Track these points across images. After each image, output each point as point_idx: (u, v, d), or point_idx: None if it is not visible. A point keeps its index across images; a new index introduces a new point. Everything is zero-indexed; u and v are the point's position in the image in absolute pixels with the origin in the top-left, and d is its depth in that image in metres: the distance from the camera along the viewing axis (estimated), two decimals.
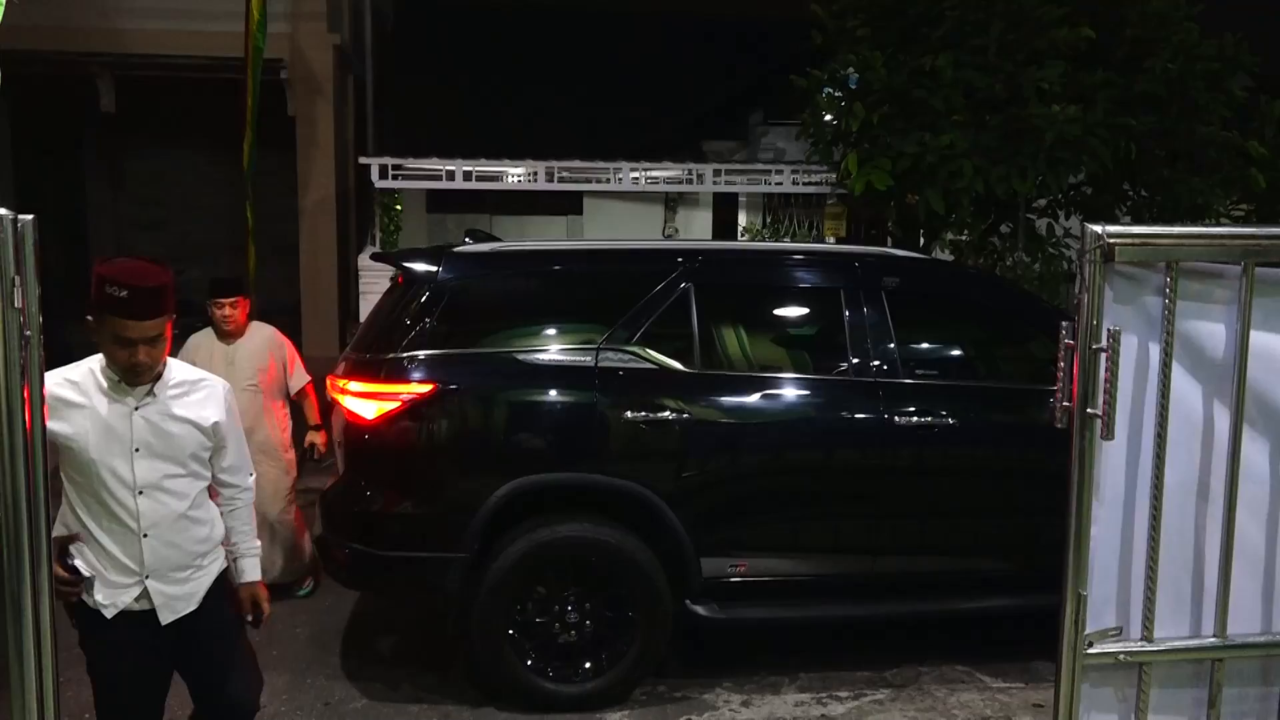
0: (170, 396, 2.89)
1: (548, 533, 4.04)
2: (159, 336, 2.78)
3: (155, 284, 2.74)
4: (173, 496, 2.86)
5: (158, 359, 2.82)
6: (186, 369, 2.99)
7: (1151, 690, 2.40)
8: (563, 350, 4.23)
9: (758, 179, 11.01)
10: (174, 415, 2.87)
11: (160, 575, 2.87)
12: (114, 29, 10.34)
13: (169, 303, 2.80)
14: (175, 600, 2.90)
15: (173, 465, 2.87)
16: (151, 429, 2.84)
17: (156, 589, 2.87)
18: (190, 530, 2.90)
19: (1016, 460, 4.36)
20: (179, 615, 2.90)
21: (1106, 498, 2.35)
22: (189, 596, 2.92)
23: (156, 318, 2.75)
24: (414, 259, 4.38)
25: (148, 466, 2.83)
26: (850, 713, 4.16)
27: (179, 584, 2.90)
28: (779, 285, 4.56)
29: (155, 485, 2.84)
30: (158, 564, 2.86)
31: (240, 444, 3.07)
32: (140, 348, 2.76)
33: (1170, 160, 8.80)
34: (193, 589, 2.92)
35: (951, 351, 4.88)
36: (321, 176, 11.11)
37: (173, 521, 2.86)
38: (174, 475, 2.86)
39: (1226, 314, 2.35)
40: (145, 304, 2.73)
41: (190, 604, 2.91)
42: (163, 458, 2.86)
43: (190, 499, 2.90)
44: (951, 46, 8.20)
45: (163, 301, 2.78)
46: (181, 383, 2.93)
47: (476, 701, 4.18)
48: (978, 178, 8.04)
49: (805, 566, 4.26)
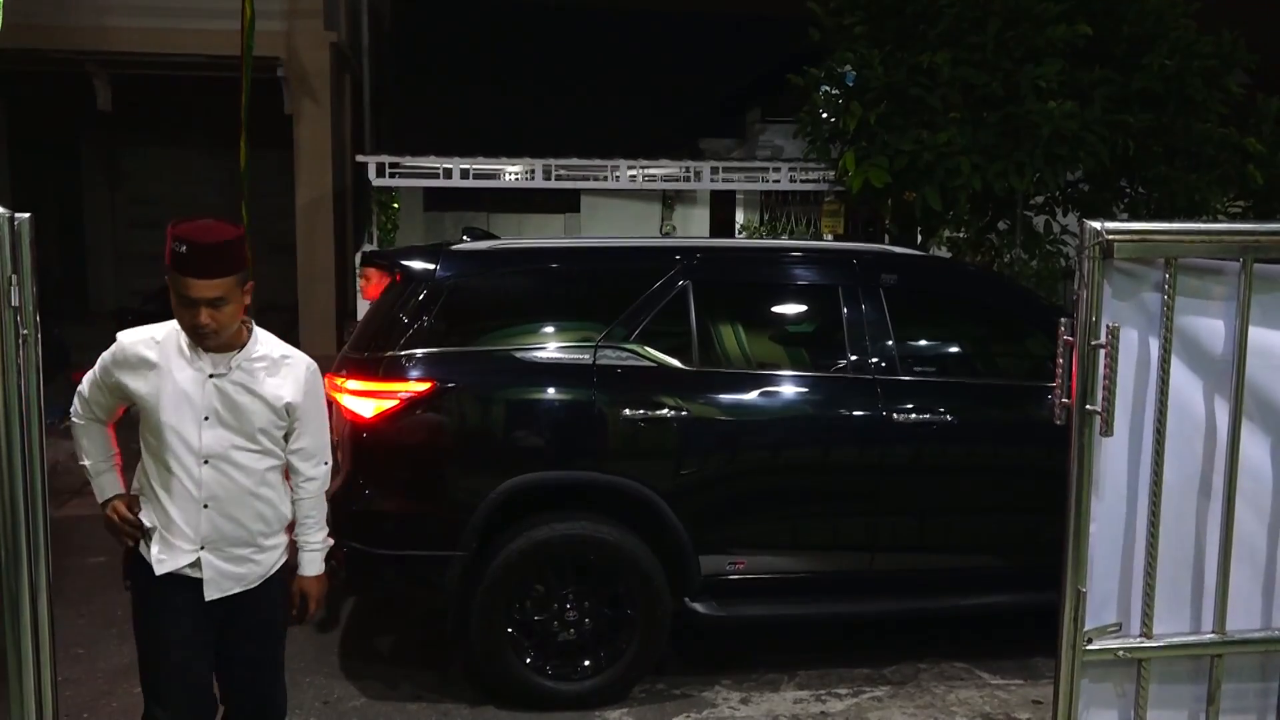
0: (249, 369, 2.78)
1: (546, 531, 4.04)
2: (222, 299, 2.63)
3: (216, 240, 2.62)
4: (238, 470, 2.77)
5: (224, 323, 2.67)
6: (276, 344, 2.86)
7: (1151, 686, 2.41)
8: (561, 348, 4.23)
9: (755, 177, 11.04)
10: (248, 388, 2.76)
11: (216, 548, 2.78)
12: (110, 27, 10.34)
13: (234, 263, 2.65)
14: (224, 578, 2.80)
15: (241, 438, 2.77)
16: (223, 399, 2.74)
17: (209, 561, 2.78)
18: (253, 506, 2.81)
19: (1015, 457, 4.35)
20: (224, 594, 2.80)
21: (1106, 494, 2.35)
22: (240, 578, 2.82)
23: (218, 277, 2.61)
24: (412, 257, 4.38)
25: (215, 436, 2.74)
26: (849, 710, 4.17)
27: (234, 562, 2.81)
28: (777, 283, 4.56)
29: (221, 456, 2.75)
30: (215, 536, 2.78)
31: (319, 429, 2.94)
32: (202, 309, 2.62)
33: (1168, 157, 8.83)
34: (246, 571, 2.82)
35: (950, 349, 4.88)
36: (318, 175, 11.12)
37: (236, 495, 2.78)
38: (242, 448, 2.77)
39: (1225, 310, 2.35)
40: (205, 261, 2.60)
41: (239, 585, 2.81)
42: (232, 429, 2.76)
43: (257, 475, 2.80)
44: (949, 44, 8.21)
45: (226, 260, 2.63)
46: (264, 357, 2.81)
47: (475, 700, 4.17)
48: (975, 175, 8.06)
49: (804, 564, 4.26)
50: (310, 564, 2.96)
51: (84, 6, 10.31)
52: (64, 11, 10.13)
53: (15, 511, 2.14)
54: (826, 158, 9.23)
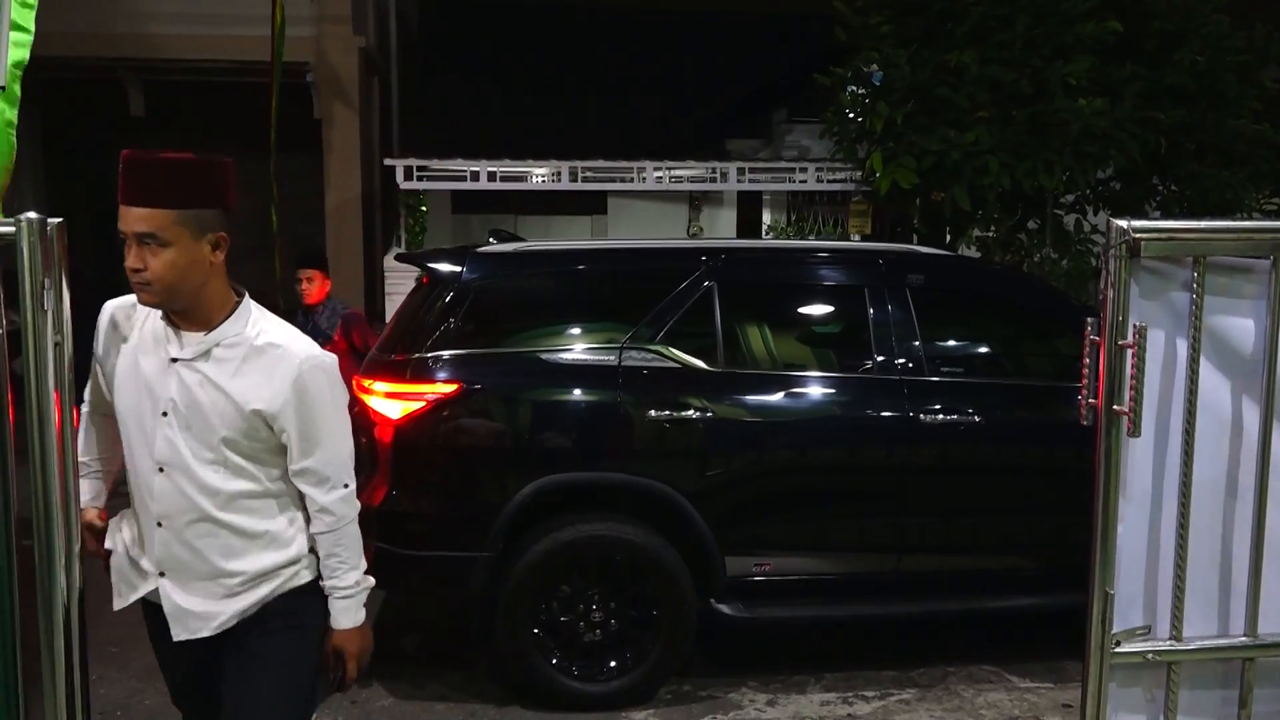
0: (219, 356, 2.20)
1: (572, 531, 4.05)
2: (154, 237, 2.08)
3: (150, 156, 2.10)
4: (196, 487, 2.19)
5: (161, 276, 2.10)
6: (266, 327, 2.25)
7: (1181, 690, 2.38)
8: (586, 350, 4.24)
9: (782, 177, 11.01)
10: (212, 381, 2.18)
11: (177, 578, 2.26)
12: (143, 34, 10.47)
13: (175, 192, 2.09)
14: (190, 617, 2.26)
15: (202, 447, 2.19)
16: (183, 391, 2.18)
17: (168, 592, 2.27)
18: (219, 538, 2.23)
19: (1043, 458, 4.32)
20: (193, 636, 2.27)
21: (1134, 495, 2.33)
22: (210, 619, 2.26)
23: (147, 205, 2.08)
24: (438, 259, 4.41)
25: (171, 438, 2.19)
26: (876, 712, 4.15)
27: (200, 598, 2.25)
28: (802, 283, 4.54)
29: (178, 465, 2.20)
30: (172, 564, 2.26)
31: (331, 443, 2.28)
32: (131, 249, 2.10)
33: (1200, 154, 8.71)
34: (218, 611, 2.25)
35: (977, 349, 4.85)
36: (347, 178, 11.20)
37: (193, 519, 2.21)
38: (204, 460, 2.20)
39: (1255, 309, 2.32)
40: (136, 183, 2.08)
41: (210, 627, 2.26)
42: (192, 433, 2.19)
43: (223, 497, 2.21)
44: (976, 42, 8.14)
45: (162, 187, 2.08)
46: (240, 341, 2.20)
47: (502, 700, 4.19)
48: (1004, 173, 7.99)
49: (830, 565, 4.25)
50: (344, 614, 2.34)
51: (118, 14, 10.46)
52: (98, 19, 10.27)
53: (49, 512, 2.17)
54: (853, 158, 9.19)
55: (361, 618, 2.38)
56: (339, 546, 2.33)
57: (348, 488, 2.34)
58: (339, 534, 2.32)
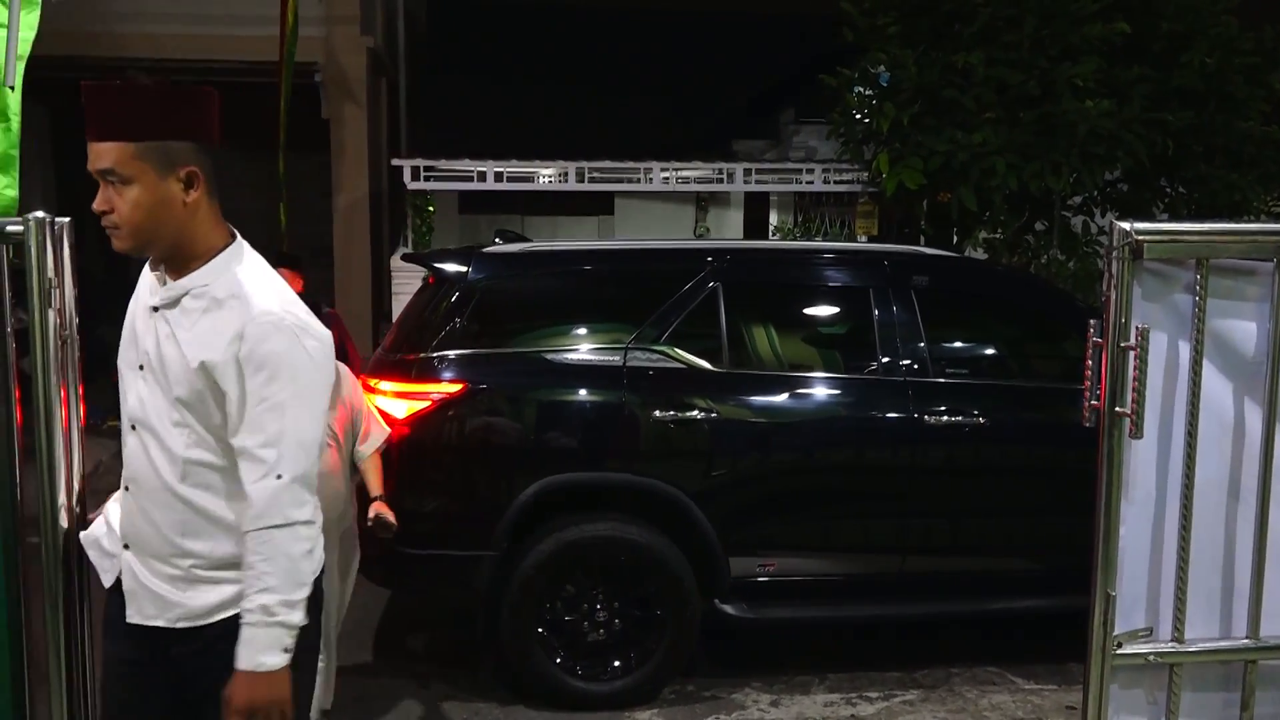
0: (187, 305, 1.97)
1: (576, 531, 4.06)
2: (114, 173, 1.88)
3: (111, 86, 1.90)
4: (160, 449, 1.98)
5: (128, 217, 1.90)
6: (248, 274, 1.99)
7: (1183, 692, 2.38)
8: (591, 350, 4.25)
9: (789, 178, 11.00)
10: (174, 333, 1.97)
11: (139, 551, 2.03)
12: (150, 34, 10.51)
13: (142, 123, 1.88)
14: (145, 598, 2.01)
15: (169, 405, 1.96)
16: (155, 344, 1.98)
17: (130, 566, 2.04)
18: (175, 512, 1.98)
19: (1048, 459, 4.32)
20: (147, 621, 2.01)
21: (1136, 497, 2.34)
22: (166, 606, 2.00)
23: (109, 139, 1.88)
24: (444, 259, 4.42)
25: (143, 393, 2.00)
26: (880, 713, 4.15)
27: (158, 578, 2.01)
28: (808, 284, 4.55)
29: (145, 424, 1.99)
30: (134, 535, 2.04)
31: (266, 420, 1.91)
32: (101, 188, 1.91)
33: (1208, 156, 8.70)
34: (176, 600, 1.98)
35: (982, 350, 4.84)
36: (355, 178, 11.23)
37: (154, 486, 1.98)
38: (168, 420, 1.97)
39: (1258, 311, 2.33)
40: (97, 116, 1.89)
41: (165, 617, 1.99)
42: (160, 390, 1.98)
43: (180, 465, 1.96)
44: (984, 43, 8.14)
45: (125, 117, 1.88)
46: (205, 290, 1.96)
47: (506, 699, 4.20)
48: (1011, 175, 7.98)
49: (834, 566, 4.25)
50: (245, 646, 1.88)
51: (125, 14, 10.49)
52: (106, 19, 10.31)
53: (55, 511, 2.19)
54: (860, 159, 9.19)
55: (270, 663, 1.87)
56: (257, 555, 1.90)
57: (281, 479, 1.90)
58: (260, 537, 1.90)
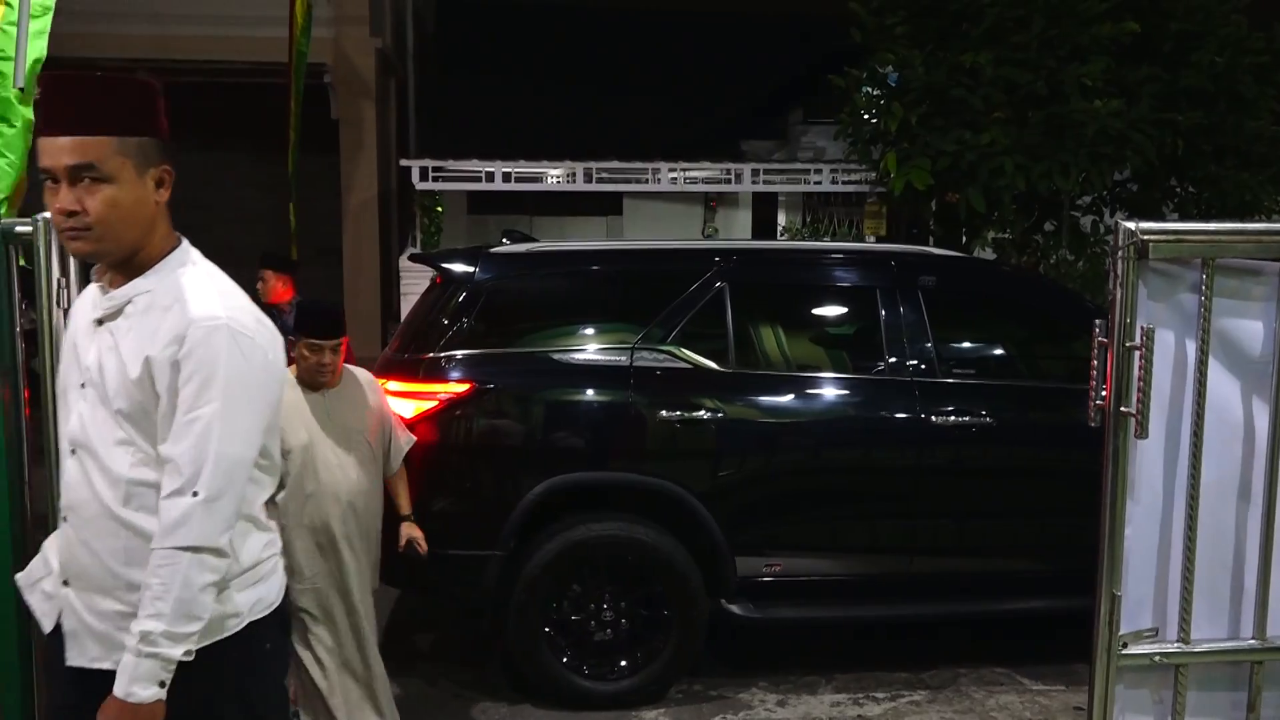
0: (130, 312, 1.83)
1: (583, 531, 4.06)
2: (93, 168, 1.75)
3: (85, 75, 1.80)
4: (101, 472, 1.81)
5: (104, 219, 1.76)
6: (194, 279, 1.85)
7: (1189, 692, 2.38)
8: (598, 350, 4.26)
9: (797, 178, 11.00)
10: (116, 342, 1.82)
11: (79, 585, 1.85)
12: (160, 35, 10.56)
13: (116, 117, 1.77)
14: (88, 637, 1.84)
15: (113, 423, 1.81)
16: (98, 358, 1.84)
17: (71, 604, 1.86)
18: (118, 539, 1.80)
19: (1055, 460, 4.30)
20: (92, 664, 1.83)
21: (1143, 497, 2.33)
22: (111, 645, 1.81)
23: (76, 133, 1.74)
24: (452, 260, 4.43)
25: (85, 414, 1.84)
26: (887, 714, 4.14)
27: (101, 617, 1.83)
28: (814, 284, 4.54)
29: (86, 446, 1.83)
30: (74, 569, 1.86)
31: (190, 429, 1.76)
32: (61, 189, 1.76)
33: (1218, 156, 8.67)
34: (123, 640, 1.76)
35: (989, 351, 4.83)
36: (364, 178, 11.27)
37: (94, 512, 1.82)
38: (110, 440, 1.81)
39: (1264, 311, 2.33)
40: (66, 107, 1.77)
41: (110, 659, 1.79)
42: (104, 407, 1.82)
43: (125, 487, 1.80)
44: (992, 43, 8.13)
45: (99, 108, 1.76)
46: (149, 295, 1.83)
47: (513, 698, 4.21)
48: (1019, 175, 7.96)
49: (841, 566, 4.25)
50: (121, 673, 1.72)
51: (136, 15, 10.55)
52: (116, 20, 10.36)
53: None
54: (868, 159, 9.18)
55: (140, 695, 1.70)
56: (155, 576, 1.73)
57: (197, 498, 1.74)
58: (163, 556, 1.73)
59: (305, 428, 3.45)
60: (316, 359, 3.45)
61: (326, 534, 3.40)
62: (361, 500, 3.51)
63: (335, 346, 3.48)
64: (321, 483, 3.41)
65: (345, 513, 3.44)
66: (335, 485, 3.43)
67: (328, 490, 3.41)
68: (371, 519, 3.59)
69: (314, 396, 3.50)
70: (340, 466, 3.46)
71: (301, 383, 3.51)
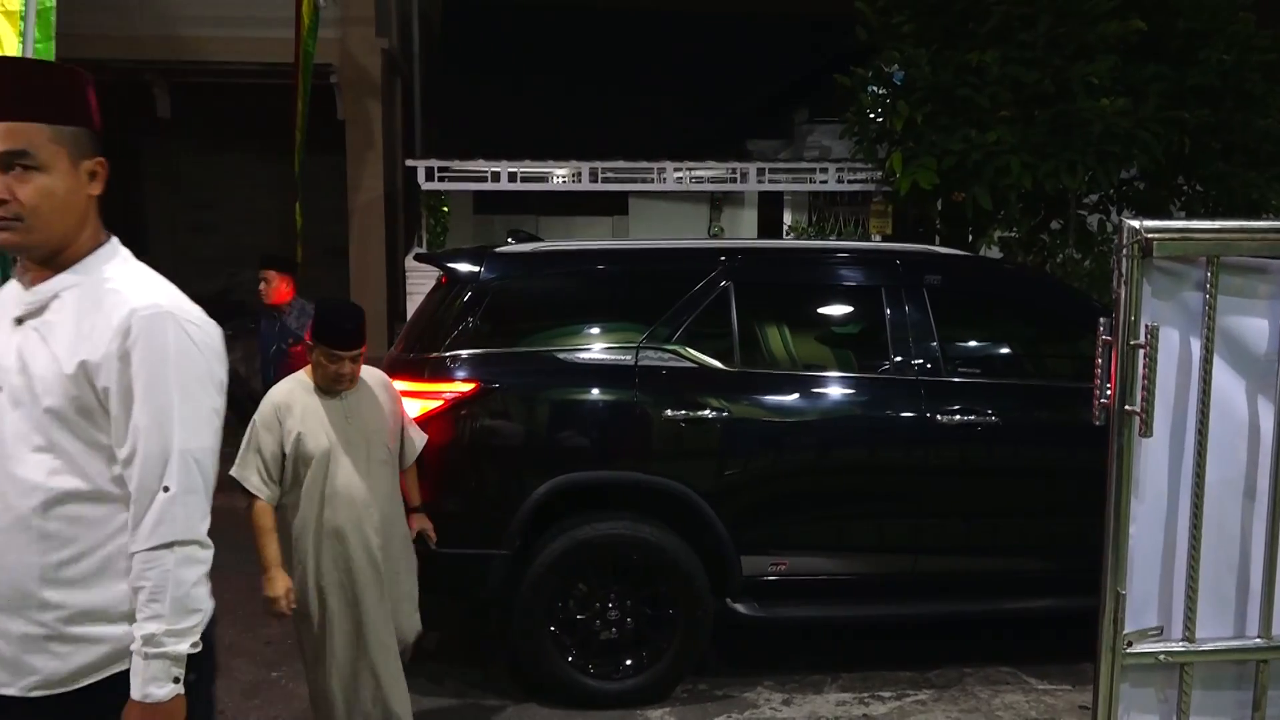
0: (56, 307, 1.75)
1: (588, 530, 4.07)
2: (26, 155, 1.69)
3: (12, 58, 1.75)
4: (13, 481, 1.71)
5: (37, 209, 1.70)
6: (126, 272, 1.80)
7: (1194, 691, 2.37)
8: (603, 349, 4.26)
9: (802, 178, 10.99)
10: (43, 338, 1.73)
11: None
12: (169, 36, 10.60)
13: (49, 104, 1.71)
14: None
15: (31, 428, 1.71)
16: (19, 358, 1.74)
17: None
18: (33, 554, 1.70)
19: (1061, 459, 4.30)
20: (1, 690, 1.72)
21: (1147, 495, 2.33)
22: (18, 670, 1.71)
23: (17, 117, 1.69)
24: (457, 259, 4.44)
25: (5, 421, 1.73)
26: (892, 713, 4.14)
27: (4, 640, 1.71)
28: (819, 283, 4.54)
29: (7, 453, 1.72)
30: None
31: (148, 422, 1.70)
32: None
33: (1225, 154, 8.64)
34: (31, 664, 1.70)
35: (995, 349, 4.83)
36: (371, 179, 11.28)
37: (9, 524, 1.70)
38: (31, 445, 1.71)
39: (1270, 309, 2.32)
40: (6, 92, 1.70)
41: (17, 685, 1.71)
42: (21, 410, 1.72)
43: (43, 496, 1.70)
44: (998, 41, 8.11)
45: (30, 94, 1.70)
46: (75, 289, 1.76)
47: (519, 697, 4.21)
48: (1025, 174, 7.95)
49: (846, 565, 4.25)
50: (135, 676, 1.71)
51: (144, 17, 10.58)
52: (124, 22, 10.39)
53: None
54: (873, 158, 9.17)
55: (157, 694, 1.69)
56: (144, 580, 1.70)
57: (169, 492, 1.70)
58: (147, 559, 1.70)
59: (325, 433, 3.39)
60: (335, 369, 3.38)
61: (340, 540, 3.37)
62: (382, 504, 3.47)
63: (355, 357, 3.40)
64: (338, 488, 3.37)
65: (362, 518, 3.39)
66: (352, 490, 3.38)
67: (343, 495, 3.37)
68: (390, 524, 3.52)
69: (331, 401, 3.44)
70: (360, 472, 3.41)
71: (317, 388, 3.45)
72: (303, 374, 3.53)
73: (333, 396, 3.45)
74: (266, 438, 3.37)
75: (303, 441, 3.36)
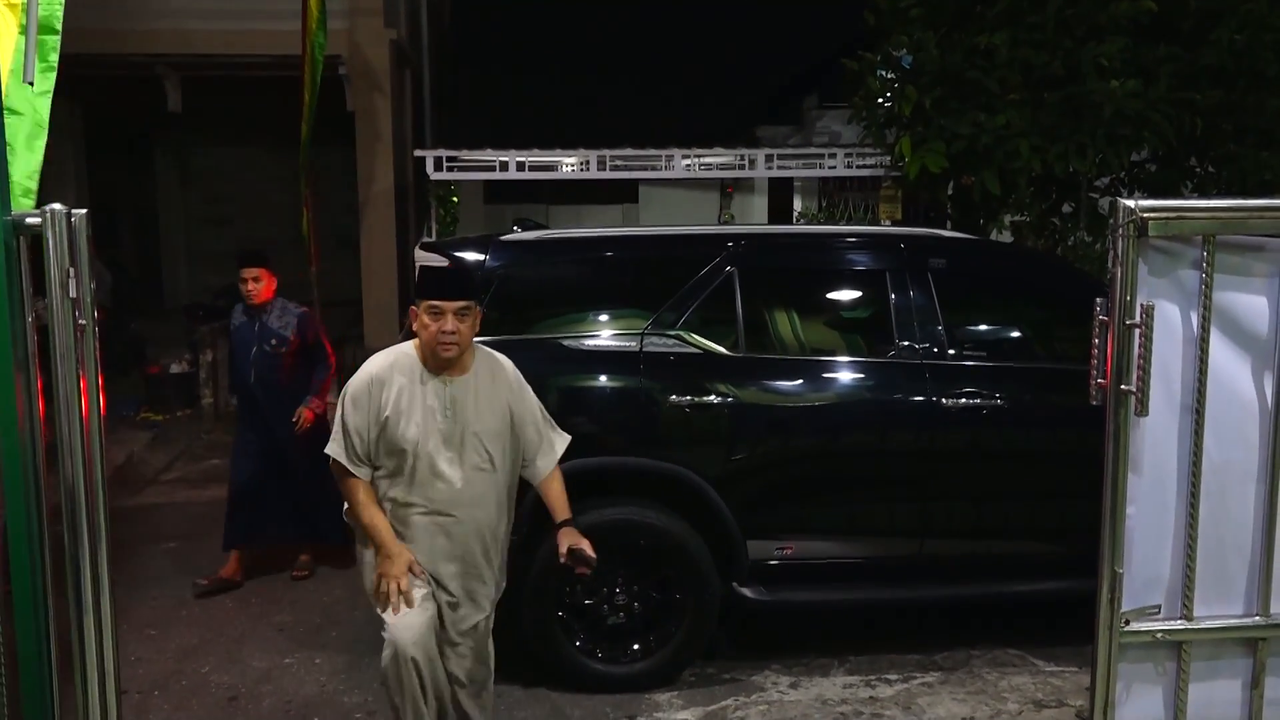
0: None
1: (595, 516, 4.08)
2: None
3: None
4: None
5: None
6: None
7: (1192, 669, 2.38)
8: (609, 336, 4.28)
9: (811, 163, 10.96)
10: None
11: None
12: (180, 30, 10.63)
13: None
14: None
15: None
16: None
17: None
18: None
19: (1065, 441, 4.29)
20: None
21: (1145, 474, 2.33)
22: None
23: None
24: (462, 247, 4.46)
25: None
26: (899, 695, 4.16)
27: None
28: (824, 268, 4.55)
29: None
30: None
31: None
32: None
33: (1238, 135, 8.55)
34: None
35: (1000, 333, 4.82)
36: (380, 170, 11.31)
37: None
38: None
39: (1267, 287, 2.32)
40: None
41: None
42: None
43: None
44: (1007, 24, 8.05)
45: None
46: None
47: (528, 681, 4.25)
48: (1035, 157, 7.90)
49: (852, 549, 4.26)
50: None
51: (154, 11, 10.62)
52: (135, 16, 10.43)
53: (76, 497, 2.25)
54: (882, 143, 9.13)
55: None
56: None
57: None
58: None
59: (415, 422, 3.03)
60: (437, 326, 2.95)
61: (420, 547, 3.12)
62: (464, 516, 3.13)
63: (461, 312, 2.94)
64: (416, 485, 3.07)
65: (437, 533, 3.12)
66: (432, 497, 3.09)
67: (420, 502, 3.10)
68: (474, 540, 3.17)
69: (435, 384, 3.05)
70: (445, 476, 3.08)
71: (425, 365, 3.06)
72: (409, 346, 3.15)
73: (437, 376, 3.07)
74: (354, 415, 3.07)
75: (390, 427, 3.04)
